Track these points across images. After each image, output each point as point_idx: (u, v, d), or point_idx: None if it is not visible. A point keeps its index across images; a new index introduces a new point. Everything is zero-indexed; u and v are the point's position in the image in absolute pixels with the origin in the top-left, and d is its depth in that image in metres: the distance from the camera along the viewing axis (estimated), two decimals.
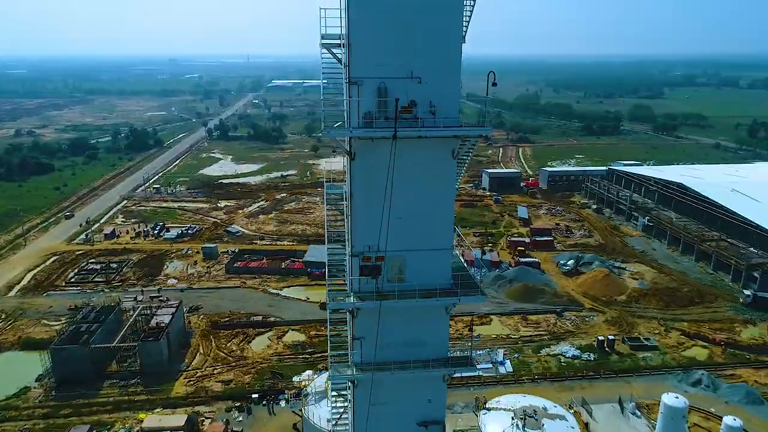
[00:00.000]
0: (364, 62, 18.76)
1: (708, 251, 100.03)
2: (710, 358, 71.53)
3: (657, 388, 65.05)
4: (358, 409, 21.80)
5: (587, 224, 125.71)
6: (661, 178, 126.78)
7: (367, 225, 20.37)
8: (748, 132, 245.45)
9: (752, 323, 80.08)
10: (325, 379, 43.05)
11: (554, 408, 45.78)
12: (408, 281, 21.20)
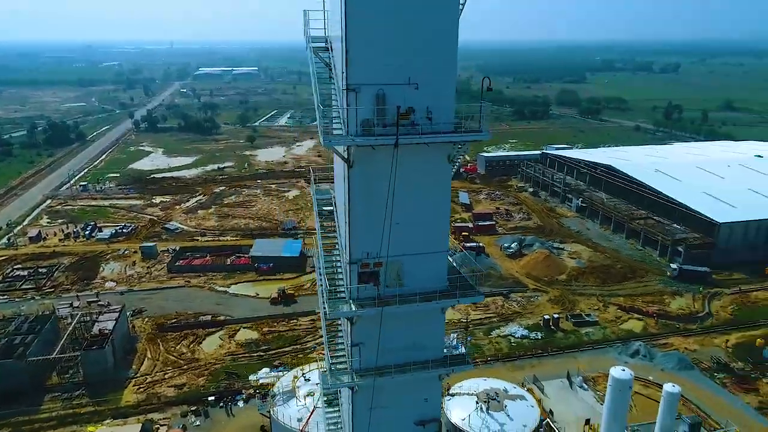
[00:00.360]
0: (362, 69, 18.50)
1: (637, 229, 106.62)
2: (645, 329, 76.64)
3: (600, 361, 69.22)
4: (358, 415, 21.81)
5: (525, 207, 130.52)
6: (591, 161, 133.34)
7: (366, 232, 20.24)
8: (664, 114, 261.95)
9: (679, 294, 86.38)
10: (291, 378, 42.64)
11: (514, 389, 47.70)
12: (406, 285, 21.33)
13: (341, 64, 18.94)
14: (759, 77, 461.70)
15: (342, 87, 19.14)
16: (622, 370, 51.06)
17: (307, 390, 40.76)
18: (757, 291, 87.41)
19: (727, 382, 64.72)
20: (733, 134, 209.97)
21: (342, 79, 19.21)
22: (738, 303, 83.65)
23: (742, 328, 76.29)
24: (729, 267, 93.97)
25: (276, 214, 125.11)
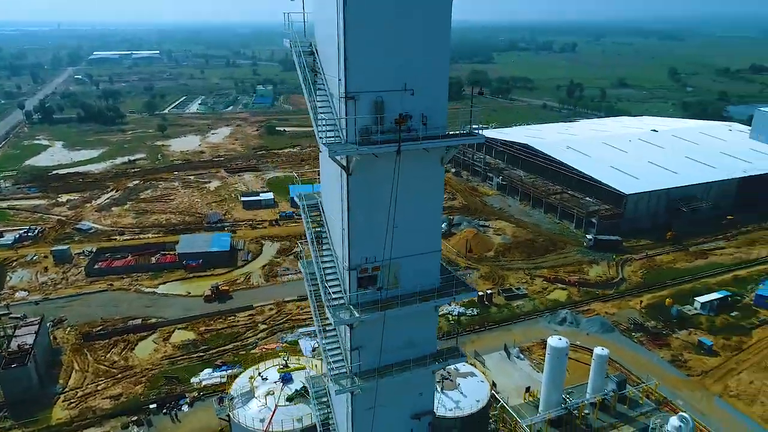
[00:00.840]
0: (361, 76, 18.18)
1: (554, 204, 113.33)
2: (569, 297, 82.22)
3: (532, 331, 73.68)
4: (357, 416, 21.89)
5: (449, 187, 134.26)
6: (509, 140, 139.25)
7: (365, 238, 20.10)
8: (567, 92, 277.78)
9: (596, 263, 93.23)
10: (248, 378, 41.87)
11: (463, 366, 49.70)
12: (402, 286, 21.53)
13: (337, 71, 18.60)
14: (646, 55, 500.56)
15: (340, 95, 18.83)
16: (558, 339, 54.71)
17: (266, 389, 40.22)
18: (661, 255, 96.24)
19: (643, 340, 71.20)
20: (628, 110, 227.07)
21: (338, 87, 18.89)
22: (646, 267, 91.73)
23: (652, 290, 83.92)
24: (636, 234, 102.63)
25: (199, 207, 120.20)
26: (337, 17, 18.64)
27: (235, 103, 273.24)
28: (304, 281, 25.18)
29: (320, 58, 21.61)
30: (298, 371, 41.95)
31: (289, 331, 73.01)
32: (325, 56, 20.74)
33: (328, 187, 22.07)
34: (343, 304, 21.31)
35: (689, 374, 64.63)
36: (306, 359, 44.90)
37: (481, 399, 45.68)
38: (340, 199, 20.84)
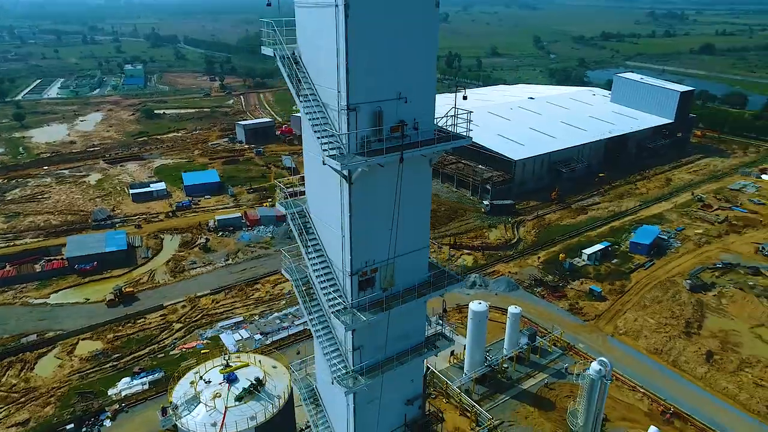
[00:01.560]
0: (362, 88, 17.98)
1: (450, 173, 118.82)
2: (476, 262, 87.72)
3: (447, 297, 77.69)
4: (359, 411, 22.21)
5: None
6: None
7: (365, 243, 20.13)
8: (446, 63, 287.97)
9: (494, 226, 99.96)
10: (189, 384, 40.48)
11: None
12: (396, 283, 21.96)
13: (336, 84, 18.37)
14: (510, 24, 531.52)
15: (341, 107, 18.66)
16: (479, 303, 58.84)
17: (211, 392, 39.14)
18: (549, 214, 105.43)
19: (544, 293, 78.36)
20: (504, 78, 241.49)
21: (338, 99, 18.73)
22: (538, 226, 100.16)
23: (546, 247, 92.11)
24: (525, 197, 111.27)
25: (81, 204, 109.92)
26: (336, 32, 18.76)
27: (102, 85, 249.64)
28: (211, 274, 24.79)
29: (307, 67, 21.45)
30: (242, 369, 41.28)
31: (207, 327, 70.62)
32: (316, 67, 20.51)
33: (319, 193, 21.92)
34: (345, 309, 21.63)
35: (585, 319, 72.56)
36: (247, 356, 44.13)
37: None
38: (336, 206, 21.09)
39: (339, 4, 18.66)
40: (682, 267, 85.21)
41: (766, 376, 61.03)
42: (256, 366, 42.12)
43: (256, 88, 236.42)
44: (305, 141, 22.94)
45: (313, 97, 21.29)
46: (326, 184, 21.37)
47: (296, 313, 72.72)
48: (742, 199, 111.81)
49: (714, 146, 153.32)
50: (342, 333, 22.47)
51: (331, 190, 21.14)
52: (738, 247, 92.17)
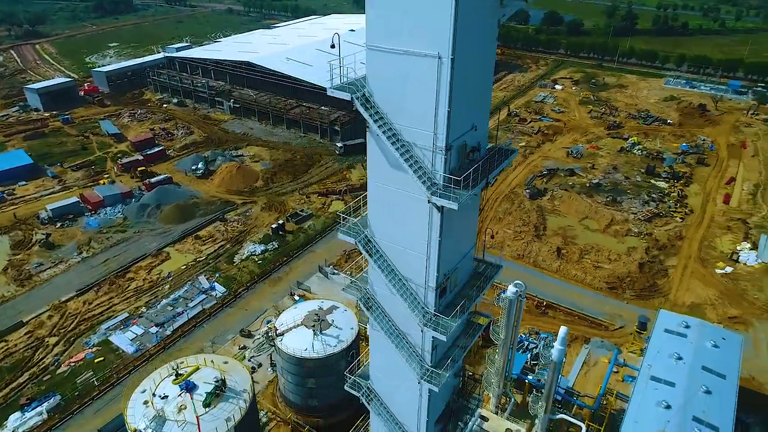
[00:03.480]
0: (456, 129, 18.14)
1: (295, 118, 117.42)
2: (346, 205, 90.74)
3: (333, 246, 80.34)
4: (432, 398, 23.73)
5: (180, 121, 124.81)
6: (226, 59, 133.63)
7: (445, 259, 20.79)
8: None
9: (353, 167, 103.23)
10: (143, 407, 38.24)
11: (323, 302, 53.42)
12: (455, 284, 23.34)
13: (433, 126, 19.63)
14: None
15: (437, 147, 19.25)
16: None
17: (174, 406, 37.47)
18: None
19: None
20: (312, 7, 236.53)
21: (435, 140, 20.12)
22: None
23: None
24: None
25: None
26: (438, 81, 19.18)
27: None
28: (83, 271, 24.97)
29: (382, 107, 21.45)
30: (195, 374, 39.91)
31: (90, 333, 64.05)
32: (398, 107, 20.79)
33: (393, 221, 22.39)
34: (431, 318, 23.01)
35: None
36: (195, 358, 42.37)
37: (354, 326, 50.95)
38: (421, 231, 22.16)
39: (444, 57, 19.38)
40: (518, 179, 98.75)
41: (600, 258, 76.42)
42: (208, 366, 41.09)
43: (28, 38, 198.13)
44: (375, 172, 23.66)
45: (397, 137, 21.71)
46: (407, 214, 22.14)
47: (187, 295, 69.40)
48: (546, 110, 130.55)
49: (513, 62, 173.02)
50: (419, 337, 24.09)
51: (414, 219, 22.07)
52: (554, 153, 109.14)
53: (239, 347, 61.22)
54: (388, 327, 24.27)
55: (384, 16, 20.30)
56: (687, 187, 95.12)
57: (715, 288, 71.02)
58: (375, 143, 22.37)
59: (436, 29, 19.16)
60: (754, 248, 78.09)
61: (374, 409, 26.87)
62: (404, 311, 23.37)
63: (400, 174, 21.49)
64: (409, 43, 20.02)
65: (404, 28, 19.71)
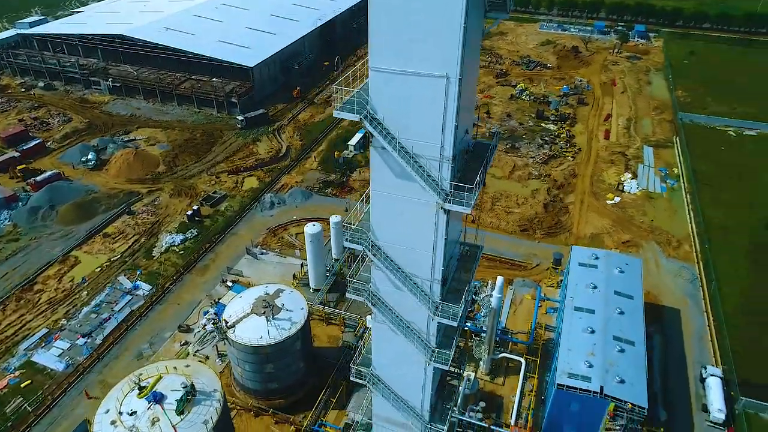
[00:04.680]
0: (458, 139, 18.61)
1: (186, 94, 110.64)
2: (261, 180, 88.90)
3: (253, 225, 79.01)
4: (434, 374, 25.54)
5: (53, 108, 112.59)
6: (98, 33, 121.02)
7: (447, 254, 22.02)
8: None
9: (258, 140, 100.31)
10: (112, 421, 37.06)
11: (268, 287, 53.29)
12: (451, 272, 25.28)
13: (440, 139, 21.22)
14: None
15: (444, 157, 20.39)
16: (313, 225, 63.16)
17: (147, 420, 36.55)
18: (300, 114, 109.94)
19: (335, 192, 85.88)
20: None
21: (441, 151, 21.53)
22: (297, 129, 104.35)
23: (314, 147, 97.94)
24: (270, 101, 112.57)
25: None
26: (446, 98, 20.22)
27: None
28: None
29: (392, 126, 22.40)
30: (160, 383, 39.01)
31: (7, 357, 58.97)
32: (404, 124, 21.98)
33: (399, 225, 23.41)
34: (438, 306, 24.69)
35: None
36: (156, 366, 41.06)
37: (303, 306, 51.72)
38: (427, 232, 23.45)
39: (452, 77, 20.28)
40: None
41: (509, 204, 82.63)
42: (170, 373, 40.32)
43: None
44: (379, 182, 24.40)
45: (405, 150, 22.33)
46: (412, 217, 23.13)
47: (110, 299, 65.64)
48: None
49: None
50: (424, 324, 25.63)
51: (420, 221, 23.34)
52: None
53: (180, 343, 59.76)
54: (394, 319, 25.80)
55: (388, 42, 20.94)
56: (573, 128, 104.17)
57: (608, 218, 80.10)
58: (378, 156, 23.33)
59: (444, 53, 20.17)
60: (634, 177, 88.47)
61: (380, 391, 28.66)
62: (409, 303, 25.04)
63: (406, 183, 22.62)
64: (416, 66, 20.89)
65: (410, 52, 20.57)
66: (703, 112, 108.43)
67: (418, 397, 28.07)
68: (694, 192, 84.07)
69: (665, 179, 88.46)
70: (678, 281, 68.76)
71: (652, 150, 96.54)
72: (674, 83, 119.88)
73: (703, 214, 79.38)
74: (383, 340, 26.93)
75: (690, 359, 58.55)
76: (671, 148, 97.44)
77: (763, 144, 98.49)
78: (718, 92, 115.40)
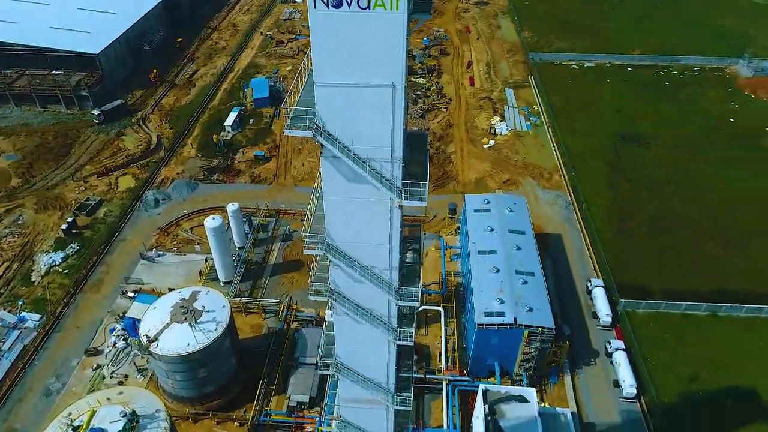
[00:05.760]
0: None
1: (24, 92, 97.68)
2: (136, 178, 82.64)
3: (139, 227, 74.18)
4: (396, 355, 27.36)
5: None
6: None
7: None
8: None
9: (123, 134, 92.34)
10: None
11: (181, 292, 51.13)
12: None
13: (390, 143, 22.64)
14: None
15: (394, 158, 22.42)
16: (212, 218, 61.19)
17: None
18: (163, 98, 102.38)
19: (222, 178, 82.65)
20: None
21: (392, 152, 23.04)
22: (164, 116, 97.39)
23: (187, 136, 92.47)
24: (125, 89, 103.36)
25: None
26: (393, 105, 21.44)
27: None
28: None
29: (341, 135, 22.82)
30: (96, 418, 36.85)
31: None
32: (354, 132, 22.83)
33: (355, 223, 25.41)
34: (398, 291, 26.35)
35: (269, 183, 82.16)
36: (86, 400, 38.38)
37: (225, 303, 50.65)
38: (383, 227, 25.11)
39: (398, 85, 21.37)
40: None
41: None
42: (105, 405, 38.27)
43: None
44: (331, 189, 25.37)
45: (357, 156, 22.78)
46: (369, 216, 24.56)
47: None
48: (297, 27, 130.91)
49: None
50: (385, 308, 26.79)
51: (376, 218, 24.88)
52: None
53: (92, 368, 55.93)
54: (357, 309, 26.89)
55: (331, 59, 21.49)
56: (440, 79, 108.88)
57: (487, 161, 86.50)
58: (329, 164, 23.74)
59: (389, 64, 21.02)
60: (503, 119, 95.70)
61: (347, 376, 29.92)
62: (369, 293, 26.30)
63: (360, 186, 23.50)
64: (363, 78, 21.48)
65: (356, 66, 21.36)
66: (549, 49, 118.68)
67: (384, 374, 30.06)
68: (554, 125, 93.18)
69: (529, 117, 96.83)
70: (555, 209, 77.13)
71: (513, 91, 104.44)
72: (521, 25, 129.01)
73: (564, 145, 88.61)
74: (346, 330, 28.20)
75: (576, 276, 66.96)
76: (528, 87, 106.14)
77: (600, 73, 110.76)
78: (558, 30, 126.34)
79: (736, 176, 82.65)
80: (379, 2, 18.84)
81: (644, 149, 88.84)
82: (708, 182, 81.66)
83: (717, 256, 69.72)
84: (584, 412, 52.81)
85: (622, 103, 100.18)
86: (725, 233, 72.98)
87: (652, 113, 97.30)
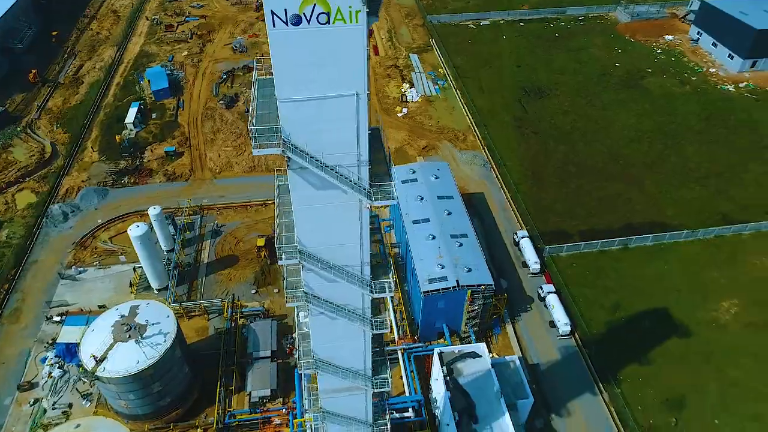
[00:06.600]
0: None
1: None
2: (36, 192, 76.11)
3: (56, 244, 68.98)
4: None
5: None
6: None
7: None
8: None
9: (9, 145, 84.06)
10: None
11: (119, 308, 48.51)
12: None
13: (356, 150, 23.09)
14: None
15: (361, 163, 23.37)
16: (136, 226, 58.24)
17: None
18: (49, 100, 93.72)
19: (135, 180, 78.06)
20: None
21: (357, 157, 23.33)
22: (55, 120, 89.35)
23: (86, 137, 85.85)
24: (3, 94, 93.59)
25: None
26: (358, 113, 21.85)
27: None
28: None
29: (308, 147, 22.66)
30: None
31: None
32: (321, 142, 22.78)
33: (325, 227, 25.45)
34: (371, 284, 26.96)
35: (185, 179, 78.66)
36: None
37: (169, 315, 48.82)
38: (353, 228, 25.64)
39: (361, 93, 21.36)
40: (203, 92, 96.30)
41: None
42: None
43: None
44: (300, 198, 24.94)
45: (325, 165, 22.89)
46: (338, 219, 25.01)
47: None
48: (185, 8, 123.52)
49: None
50: (359, 302, 27.07)
51: (346, 219, 25.26)
52: (220, 53, 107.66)
53: (29, 404, 52.40)
54: (332, 307, 27.18)
55: (293, 75, 21.33)
56: None
57: (403, 129, 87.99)
58: (297, 175, 23.45)
59: (352, 75, 21.06)
60: (412, 86, 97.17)
61: (327, 370, 30.42)
62: (343, 290, 26.69)
63: (329, 192, 23.50)
64: (326, 90, 21.37)
65: (317, 79, 21.31)
66: (445, 11, 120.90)
67: (361, 362, 30.95)
68: (462, 87, 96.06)
69: (436, 81, 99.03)
70: (474, 168, 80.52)
71: (417, 56, 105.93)
72: None
73: (474, 104, 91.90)
74: (322, 327, 28.61)
75: (503, 230, 70.96)
76: (432, 51, 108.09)
77: (496, 30, 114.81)
78: None
79: (627, 117, 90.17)
80: (338, 17, 18.87)
81: (546, 100, 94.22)
82: (605, 124, 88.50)
83: (619, 192, 76.47)
84: (528, 356, 57.19)
85: (519, 58, 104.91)
86: (625, 171, 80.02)
87: (548, 64, 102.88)
